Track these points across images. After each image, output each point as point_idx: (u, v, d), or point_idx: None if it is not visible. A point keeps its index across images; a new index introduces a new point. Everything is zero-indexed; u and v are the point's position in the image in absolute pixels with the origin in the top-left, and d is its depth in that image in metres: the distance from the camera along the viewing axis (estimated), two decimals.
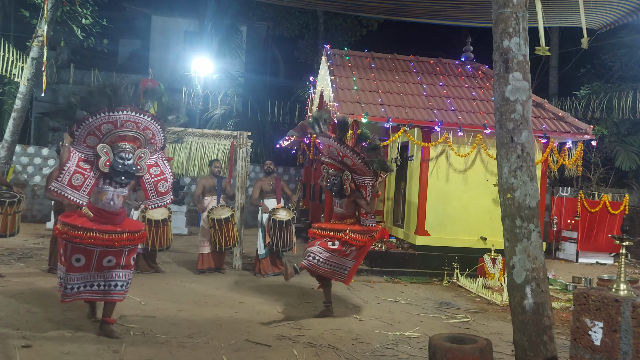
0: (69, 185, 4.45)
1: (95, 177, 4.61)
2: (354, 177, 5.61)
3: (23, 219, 7.18)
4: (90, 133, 4.55)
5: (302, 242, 11.62)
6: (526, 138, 3.46)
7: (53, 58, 16.39)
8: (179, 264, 8.38)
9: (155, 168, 4.88)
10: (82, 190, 4.53)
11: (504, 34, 3.53)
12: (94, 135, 4.57)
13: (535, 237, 3.30)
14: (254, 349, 4.57)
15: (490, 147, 8.53)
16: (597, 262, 11.41)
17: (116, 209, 4.71)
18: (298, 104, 16.55)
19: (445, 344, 3.28)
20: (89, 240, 4.49)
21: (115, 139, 4.63)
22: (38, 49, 9.97)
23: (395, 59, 10.48)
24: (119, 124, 4.57)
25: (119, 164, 4.57)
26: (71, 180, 4.47)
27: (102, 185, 4.66)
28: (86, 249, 4.52)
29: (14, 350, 4.12)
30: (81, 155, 4.59)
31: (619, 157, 14.97)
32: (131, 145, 4.67)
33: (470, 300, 7.07)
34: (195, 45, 17.30)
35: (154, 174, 4.87)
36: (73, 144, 4.57)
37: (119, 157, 4.59)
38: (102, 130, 4.56)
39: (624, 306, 2.14)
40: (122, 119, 4.55)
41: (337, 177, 5.67)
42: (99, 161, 4.55)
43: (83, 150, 4.62)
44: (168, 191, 4.96)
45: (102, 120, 4.50)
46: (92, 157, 4.61)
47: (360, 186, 5.64)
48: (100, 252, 4.57)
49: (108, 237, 4.56)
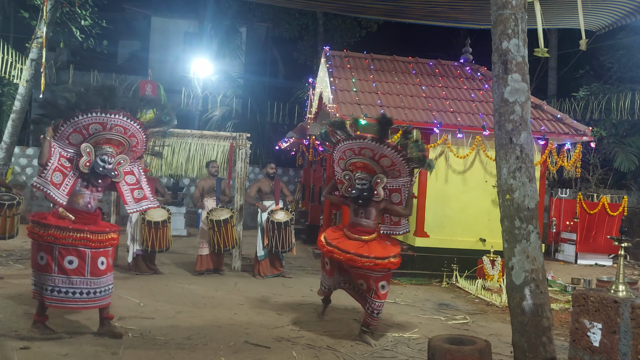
0: (51, 182, 4.40)
1: (74, 176, 4.58)
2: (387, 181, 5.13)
3: (22, 220, 7.17)
4: (76, 130, 4.53)
5: (301, 244, 11.62)
6: (525, 139, 3.47)
7: (52, 59, 16.38)
8: (178, 266, 8.37)
9: (130, 177, 4.89)
10: (61, 189, 4.47)
11: (503, 35, 3.53)
12: (79, 133, 4.56)
13: (534, 238, 3.30)
14: (252, 350, 4.56)
15: (489, 148, 8.54)
16: (596, 263, 11.41)
17: (92, 211, 4.73)
18: (297, 105, 16.56)
19: (445, 346, 3.28)
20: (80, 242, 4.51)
21: (100, 141, 4.64)
22: (37, 50, 9.97)
23: (395, 61, 10.49)
24: (108, 127, 4.59)
25: (100, 166, 4.58)
26: (52, 178, 4.40)
27: (80, 188, 4.64)
28: (78, 250, 4.52)
29: (12, 352, 4.11)
30: (62, 152, 4.55)
31: (617, 158, 14.99)
32: (114, 149, 4.71)
33: (470, 301, 7.07)
34: (195, 47, 17.31)
35: (129, 182, 4.88)
36: (54, 139, 4.51)
37: (100, 159, 4.60)
38: (89, 129, 4.56)
39: (622, 307, 2.14)
40: (112, 122, 4.57)
41: (367, 181, 5.06)
42: (79, 160, 4.54)
43: (64, 146, 4.58)
44: (145, 197, 4.96)
45: (92, 120, 4.51)
46: (72, 155, 4.59)
47: (391, 190, 5.22)
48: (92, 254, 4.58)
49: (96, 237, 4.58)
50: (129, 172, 4.90)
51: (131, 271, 7.56)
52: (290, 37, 20.36)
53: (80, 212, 4.63)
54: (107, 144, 4.67)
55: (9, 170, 11.86)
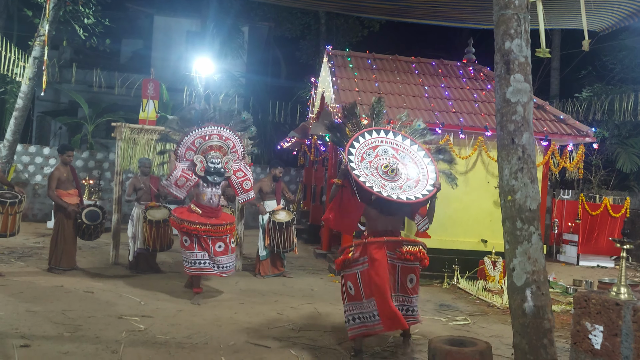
0: (174, 184, 5.95)
1: (194, 180, 6.05)
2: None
3: (24, 218, 7.19)
4: (188, 149, 6.12)
5: (303, 244, 11.61)
6: (527, 140, 3.45)
7: (55, 57, 16.40)
8: (179, 265, 8.36)
9: (239, 172, 6.34)
10: (183, 188, 6.01)
11: (506, 35, 3.52)
12: (190, 150, 6.13)
13: (535, 239, 3.29)
14: (253, 350, 4.56)
15: (491, 149, 8.51)
16: (598, 265, 11.38)
17: (215, 205, 6.21)
18: (299, 105, 16.54)
19: (445, 347, 3.27)
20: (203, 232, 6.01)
21: (206, 149, 6.14)
22: (40, 48, 9.98)
23: (397, 60, 10.47)
24: (206, 137, 6.15)
25: (211, 167, 6.07)
26: (177, 182, 5.97)
27: (202, 188, 6.14)
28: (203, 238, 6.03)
29: (13, 350, 4.11)
30: (184, 167, 6.06)
31: (620, 159, 14.95)
32: (218, 152, 6.16)
33: (471, 302, 7.05)
34: (198, 45, 17.31)
35: (239, 176, 6.32)
36: (177, 161, 6.07)
37: (210, 162, 6.09)
38: (195, 144, 6.13)
39: (624, 310, 2.13)
40: (208, 132, 6.15)
41: None
42: (196, 168, 6.04)
43: (185, 164, 6.10)
44: (251, 188, 6.46)
45: (195, 136, 6.12)
46: (192, 167, 6.08)
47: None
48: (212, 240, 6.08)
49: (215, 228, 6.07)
50: (238, 169, 6.33)
51: (132, 269, 7.56)
52: (292, 37, 20.35)
53: (205, 207, 6.14)
54: (211, 150, 6.16)
55: (12, 168, 11.88)
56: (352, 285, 4.46)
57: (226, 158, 6.17)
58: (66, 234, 7.25)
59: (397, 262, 4.54)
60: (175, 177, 5.96)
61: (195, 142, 6.13)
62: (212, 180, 6.10)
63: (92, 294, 6.14)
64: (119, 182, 8.25)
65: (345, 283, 4.55)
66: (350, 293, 4.50)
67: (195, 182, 6.07)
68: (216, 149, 6.18)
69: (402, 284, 4.60)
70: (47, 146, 14.10)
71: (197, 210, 6.10)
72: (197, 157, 6.08)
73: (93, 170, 13.54)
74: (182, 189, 6.01)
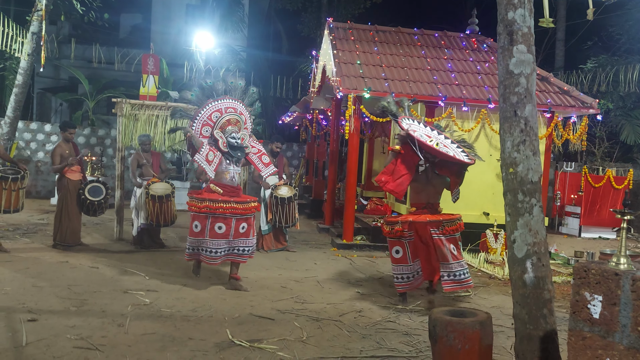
0: (206, 160, 5.54)
1: (219, 156, 5.68)
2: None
3: (27, 194, 7.23)
4: (204, 124, 5.73)
5: (305, 219, 11.67)
6: (530, 112, 3.42)
7: (54, 33, 16.24)
8: (183, 240, 8.43)
9: (254, 148, 6.02)
10: (212, 165, 5.57)
11: (509, 5, 3.45)
12: (207, 125, 5.74)
13: (537, 211, 3.29)
14: (257, 322, 4.63)
15: (494, 121, 8.46)
16: (600, 236, 11.42)
17: (236, 184, 5.85)
18: (301, 79, 16.40)
19: (446, 318, 3.30)
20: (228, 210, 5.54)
21: (223, 124, 5.76)
22: (38, 24, 9.87)
23: (400, 32, 10.33)
24: (223, 110, 5.76)
25: (232, 142, 5.68)
26: (207, 156, 5.56)
27: (225, 166, 5.74)
28: (225, 218, 5.54)
29: (20, 324, 4.18)
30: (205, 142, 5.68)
31: (624, 131, 14.85)
32: (235, 127, 5.79)
33: (472, 274, 7.09)
34: (197, 19, 17.11)
35: (255, 152, 6.00)
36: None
37: (230, 137, 5.70)
38: (212, 118, 5.73)
39: (623, 279, 2.14)
40: (225, 105, 5.79)
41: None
42: (218, 144, 5.65)
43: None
44: (270, 162, 6.13)
45: (212, 110, 5.72)
46: (212, 143, 5.68)
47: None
48: (236, 220, 5.60)
49: (241, 206, 5.62)
50: (253, 145, 6.00)
51: (136, 245, 7.63)
52: (293, 9, 20.03)
53: (227, 186, 5.74)
54: (229, 124, 5.77)
55: (14, 145, 11.89)
56: (401, 249, 5.38)
57: (241, 134, 5.80)
58: (70, 211, 7.30)
59: (441, 237, 5.30)
60: (206, 150, 5.55)
61: (212, 117, 5.72)
62: (235, 156, 5.72)
63: (97, 269, 6.21)
64: (120, 159, 8.26)
65: (392, 248, 5.45)
66: (395, 257, 5.41)
67: (220, 158, 5.67)
68: (233, 123, 5.79)
69: (445, 254, 5.27)
70: (48, 123, 14.08)
71: (217, 189, 5.68)
72: (217, 132, 5.69)
73: (95, 147, 13.54)
74: (211, 165, 5.56)
